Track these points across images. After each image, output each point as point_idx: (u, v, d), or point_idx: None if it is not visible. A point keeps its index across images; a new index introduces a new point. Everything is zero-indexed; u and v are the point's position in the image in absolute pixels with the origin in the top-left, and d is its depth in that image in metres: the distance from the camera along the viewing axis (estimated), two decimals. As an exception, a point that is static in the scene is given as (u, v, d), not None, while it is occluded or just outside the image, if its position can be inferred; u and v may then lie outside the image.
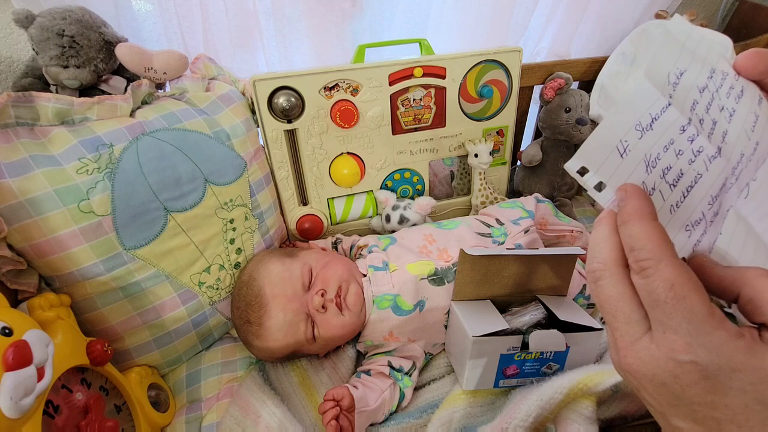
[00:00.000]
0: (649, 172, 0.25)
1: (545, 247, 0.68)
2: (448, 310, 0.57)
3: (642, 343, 0.22)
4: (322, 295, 0.54)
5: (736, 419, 0.20)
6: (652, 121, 0.25)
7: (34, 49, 0.55)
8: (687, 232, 0.26)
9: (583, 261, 0.66)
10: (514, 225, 0.65)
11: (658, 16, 0.86)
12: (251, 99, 0.62)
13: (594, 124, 0.75)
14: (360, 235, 0.72)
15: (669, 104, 0.25)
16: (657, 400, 0.22)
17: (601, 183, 0.25)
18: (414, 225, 0.72)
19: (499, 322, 0.50)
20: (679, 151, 0.26)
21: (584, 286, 0.62)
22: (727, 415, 0.20)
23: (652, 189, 0.25)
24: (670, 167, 0.25)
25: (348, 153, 0.69)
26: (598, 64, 0.79)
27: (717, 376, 0.20)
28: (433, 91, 0.69)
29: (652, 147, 0.25)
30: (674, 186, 0.26)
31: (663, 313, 0.21)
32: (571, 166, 0.25)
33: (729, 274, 0.24)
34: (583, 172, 0.25)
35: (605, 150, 0.24)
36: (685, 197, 0.26)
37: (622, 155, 0.25)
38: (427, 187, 0.76)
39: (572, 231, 0.71)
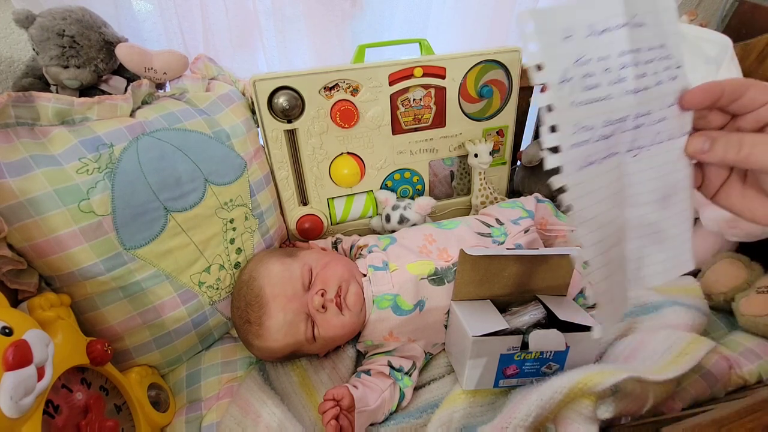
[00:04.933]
0: (574, 66, 0.27)
1: (545, 247, 0.68)
2: (448, 310, 0.57)
3: None
4: (322, 295, 0.54)
5: None
6: (604, 31, 0.27)
7: (34, 49, 0.55)
8: (573, 129, 0.28)
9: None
10: (514, 225, 0.65)
11: (658, 16, 0.86)
12: (251, 99, 0.63)
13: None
14: (360, 235, 0.72)
15: (625, 25, 0.27)
16: None
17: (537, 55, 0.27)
18: (414, 225, 0.72)
19: (499, 322, 0.50)
20: (607, 68, 0.28)
21: (584, 286, 0.62)
22: None
23: (566, 79, 0.27)
24: (592, 74, 0.27)
25: (348, 153, 0.69)
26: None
27: None
28: (433, 91, 0.69)
29: (589, 49, 0.27)
30: (585, 89, 0.28)
31: None
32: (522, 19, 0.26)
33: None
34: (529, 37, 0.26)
35: (556, 25, 0.26)
36: (587, 104, 0.28)
37: (564, 38, 0.27)
38: (427, 187, 0.76)
39: (572, 231, 0.71)
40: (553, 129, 0.27)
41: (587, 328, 0.50)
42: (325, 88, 0.64)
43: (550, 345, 0.49)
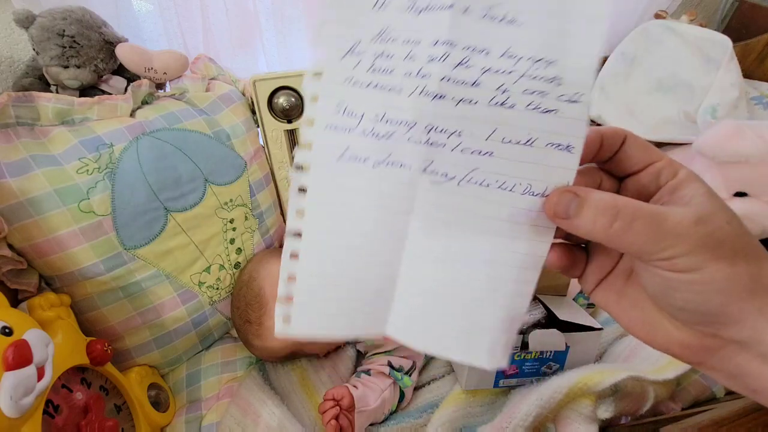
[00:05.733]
0: (372, 40, 0.21)
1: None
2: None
3: None
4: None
5: None
6: (426, 8, 0.21)
7: (34, 49, 0.55)
8: (335, 109, 0.22)
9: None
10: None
11: (657, 16, 0.87)
12: (251, 99, 0.63)
13: (594, 123, 0.75)
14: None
15: (451, 7, 0.20)
16: None
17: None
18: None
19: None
20: (412, 55, 0.21)
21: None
22: None
23: (354, 51, 0.22)
24: (390, 55, 0.21)
25: (348, 153, 0.69)
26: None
27: None
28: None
29: (399, 26, 0.21)
30: (372, 71, 0.22)
31: None
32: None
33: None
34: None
35: None
36: (366, 87, 0.22)
37: (375, 6, 0.21)
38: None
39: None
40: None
41: (587, 328, 0.50)
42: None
43: (549, 345, 0.49)
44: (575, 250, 0.24)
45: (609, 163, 0.23)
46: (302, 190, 0.23)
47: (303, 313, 0.24)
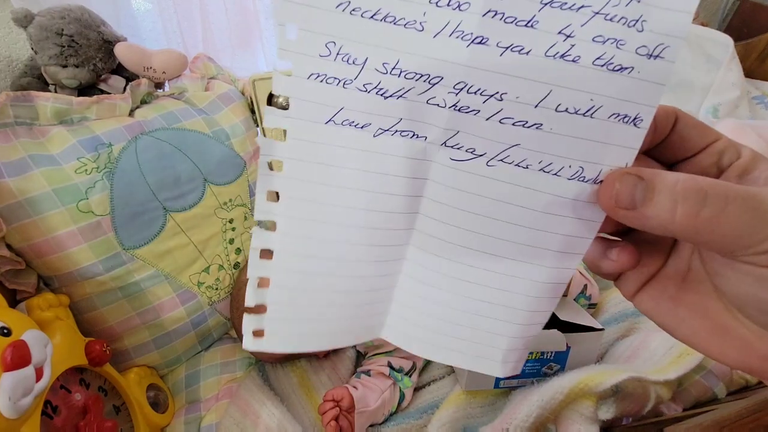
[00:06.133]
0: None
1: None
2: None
3: None
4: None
5: None
6: None
7: (33, 49, 0.54)
8: (320, 48, 0.16)
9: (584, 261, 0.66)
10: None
11: (658, 15, 0.86)
12: (251, 98, 0.62)
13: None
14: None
15: None
16: None
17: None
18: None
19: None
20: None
21: (585, 286, 0.62)
22: None
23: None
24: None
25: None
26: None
27: None
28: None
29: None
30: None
31: None
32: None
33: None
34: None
35: None
36: (369, 18, 0.15)
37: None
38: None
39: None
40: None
41: (588, 329, 0.50)
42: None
43: (550, 345, 0.49)
44: (611, 245, 0.19)
45: (658, 147, 0.19)
46: (276, 165, 0.17)
47: (279, 325, 0.19)
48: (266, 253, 0.18)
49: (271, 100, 0.62)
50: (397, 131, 0.17)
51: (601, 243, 0.19)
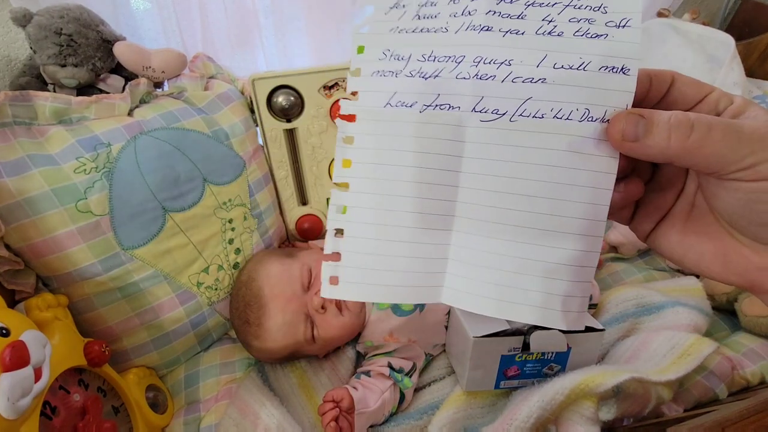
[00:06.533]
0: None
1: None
2: (449, 311, 0.56)
3: None
4: (322, 296, 0.54)
5: None
6: None
7: (31, 48, 0.54)
8: (380, 55, 0.23)
9: None
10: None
11: (660, 14, 0.86)
12: (250, 98, 0.62)
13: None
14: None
15: None
16: None
17: None
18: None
19: (500, 323, 0.50)
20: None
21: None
22: None
23: (402, 4, 0.23)
24: (434, 3, 0.22)
25: (348, 152, 0.69)
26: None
27: None
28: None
29: None
30: (418, 18, 0.22)
31: None
32: None
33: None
34: None
35: None
36: (411, 32, 0.22)
37: None
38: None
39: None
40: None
41: (589, 329, 0.50)
42: (324, 87, 0.63)
43: (551, 346, 0.49)
44: (631, 186, 0.22)
45: (663, 102, 0.22)
46: (348, 140, 0.23)
47: (352, 273, 0.22)
48: (341, 210, 0.23)
49: (270, 99, 0.62)
50: (437, 105, 0.22)
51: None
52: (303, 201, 0.71)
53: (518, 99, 0.21)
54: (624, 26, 0.20)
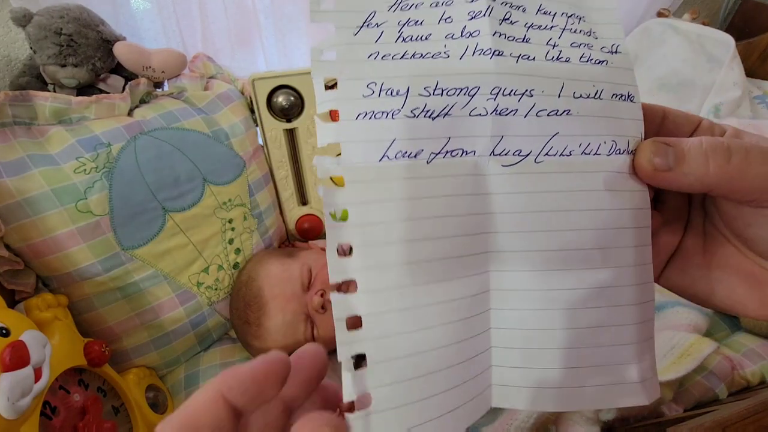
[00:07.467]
0: (394, 8, 0.19)
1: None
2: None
3: None
4: (322, 296, 0.54)
5: None
6: None
7: (31, 48, 0.54)
8: (362, 90, 0.17)
9: None
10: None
11: (659, 14, 0.86)
12: (250, 98, 0.62)
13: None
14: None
15: None
16: None
17: None
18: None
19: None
20: (446, 15, 0.18)
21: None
22: None
23: (373, 22, 0.18)
24: (419, 22, 0.18)
25: (348, 152, 0.69)
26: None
27: None
28: (433, 90, 0.68)
29: None
30: (401, 40, 0.18)
31: None
32: None
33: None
34: None
35: None
36: (399, 58, 0.18)
37: None
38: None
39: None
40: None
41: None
42: (325, 87, 0.63)
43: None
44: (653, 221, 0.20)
45: (660, 135, 0.21)
46: (342, 216, 0.16)
47: (386, 418, 0.15)
48: (354, 321, 0.16)
49: (270, 99, 0.62)
50: (447, 152, 0.17)
51: None
52: (303, 201, 0.71)
53: (544, 135, 0.17)
54: (616, 52, 0.19)
